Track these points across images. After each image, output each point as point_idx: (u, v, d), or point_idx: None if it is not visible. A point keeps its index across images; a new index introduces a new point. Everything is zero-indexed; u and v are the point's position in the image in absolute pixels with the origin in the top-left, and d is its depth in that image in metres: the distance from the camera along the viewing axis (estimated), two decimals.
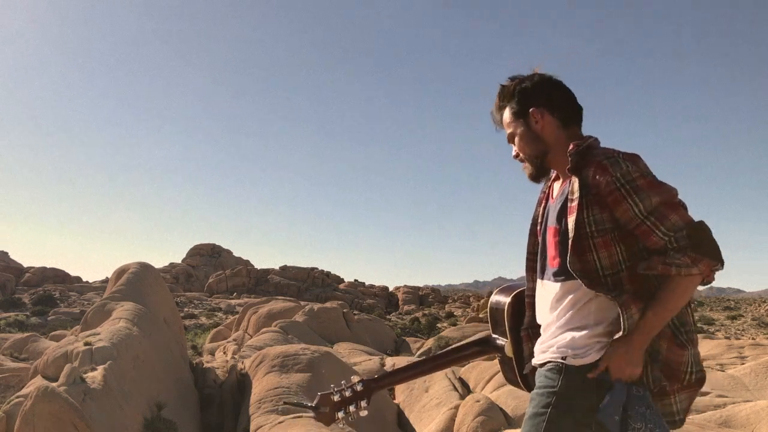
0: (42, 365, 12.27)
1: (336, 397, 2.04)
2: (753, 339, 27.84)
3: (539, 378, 1.83)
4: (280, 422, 10.79)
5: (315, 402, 2.04)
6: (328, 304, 29.95)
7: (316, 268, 67.74)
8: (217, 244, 74.71)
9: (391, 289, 69.12)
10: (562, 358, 1.78)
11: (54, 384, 9.65)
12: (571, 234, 1.78)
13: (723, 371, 15.54)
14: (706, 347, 19.74)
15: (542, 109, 1.90)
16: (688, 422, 7.76)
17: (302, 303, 31.13)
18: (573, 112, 1.93)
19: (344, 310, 28.32)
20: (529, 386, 1.98)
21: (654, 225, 1.71)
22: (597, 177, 1.74)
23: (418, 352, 25.08)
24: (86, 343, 11.74)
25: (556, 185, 1.96)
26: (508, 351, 2.10)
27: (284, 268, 67.26)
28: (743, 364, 16.40)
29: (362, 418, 2.08)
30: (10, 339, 22.67)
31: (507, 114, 1.97)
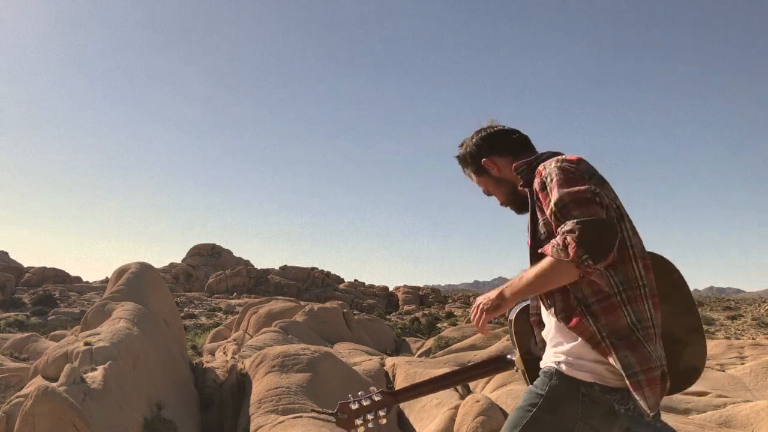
0: (42, 365, 12.27)
1: (354, 406, 2.13)
2: (753, 339, 27.81)
3: (537, 379, 1.90)
4: (280, 422, 10.79)
5: (336, 409, 2.15)
6: (328, 304, 29.93)
7: (316, 268, 67.70)
8: (217, 244, 74.76)
9: (391, 289, 69.05)
10: (557, 363, 1.84)
11: (54, 384, 9.65)
12: (529, 246, 1.90)
13: (723, 371, 15.54)
14: None
15: (490, 157, 2.12)
16: (688, 422, 7.76)
17: (302, 303, 31.09)
18: (518, 144, 2.12)
19: (344, 310, 28.30)
20: None
21: (557, 220, 1.74)
22: (536, 182, 1.86)
23: (418, 352, 25.08)
24: (86, 343, 11.74)
25: None
26: (519, 364, 2.16)
27: (284, 268, 67.23)
28: (743, 364, 16.40)
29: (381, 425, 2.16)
30: (10, 339, 22.68)
31: (473, 177, 2.21)
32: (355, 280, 69.71)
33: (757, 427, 8.77)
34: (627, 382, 1.69)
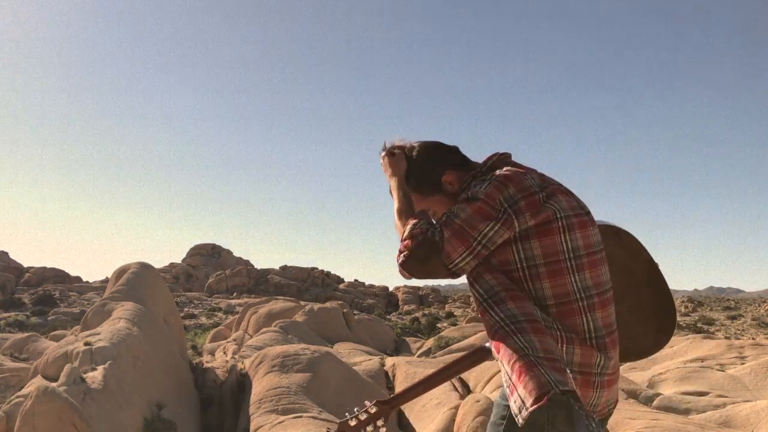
0: (42, 365, 12.29)
1: (352, 422, 2.15)
2: (753, 339, 27.85)
3: (502, 389, 1.85)
4: (280, 422, 10.80)
5: (335, 429, 2.15)
6: (328, 304, 29.94)
7: (316, 268, 67.77)
8: (217, 244, 74.90)
9: (391, 289, 69.13)
10: None
11: (54, 384, 9.66)
12: None
13: (723, 371, 15.55)
14: (706, 347, 19.75)
15: (449, 172, 1.90)
16: (688, 422, 7.75)
17: (302, 303, 31.11)
18: (461, 157, 1.94)
19: (344, 310, 28.31)
20: None
21: (443, 218, 1.73)
22: (464, 195, 1.79)
23: (419, 352, 25.09)
24: (86, 343, 11.75)
25: None
26: None
27: (284, 268, 67.30)
28: (743, 364, 16.41)
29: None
30: (10, 339, 22.72)
31: (420, 196, 1.94)
32: (355, 280, 69.80)
33: (757, 427, 8.77)
34: None
